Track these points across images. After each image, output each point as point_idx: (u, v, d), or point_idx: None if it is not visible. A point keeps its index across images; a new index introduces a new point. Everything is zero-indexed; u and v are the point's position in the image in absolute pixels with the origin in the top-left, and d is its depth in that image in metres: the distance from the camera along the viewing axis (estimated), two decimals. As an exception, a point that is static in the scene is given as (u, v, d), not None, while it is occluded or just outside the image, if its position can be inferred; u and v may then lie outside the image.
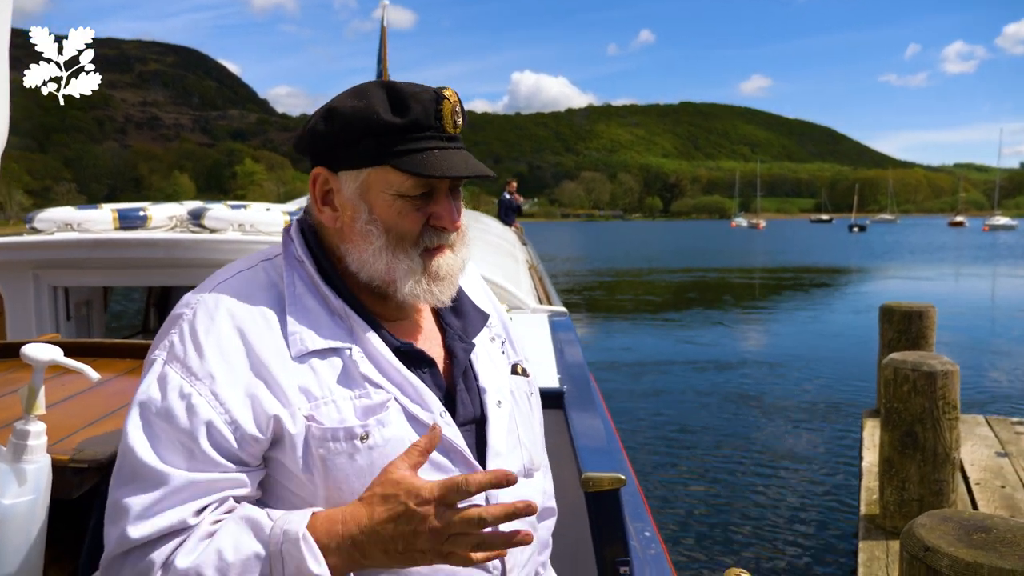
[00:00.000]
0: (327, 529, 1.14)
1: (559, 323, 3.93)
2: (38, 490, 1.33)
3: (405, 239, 1.28)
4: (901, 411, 4.87)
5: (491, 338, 1.49)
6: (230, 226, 4.58)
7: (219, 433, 1.16)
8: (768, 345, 16.15)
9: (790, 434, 9.39)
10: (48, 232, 4.60)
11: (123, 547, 1.14)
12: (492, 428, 1.35)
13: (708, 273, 36.32)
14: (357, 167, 1.27)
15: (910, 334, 7.20)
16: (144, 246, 4.34)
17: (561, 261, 47.47)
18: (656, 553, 2.55)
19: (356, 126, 1.25)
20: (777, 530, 6.52)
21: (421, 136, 1.25)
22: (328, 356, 1.24)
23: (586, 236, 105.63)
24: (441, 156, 1.25)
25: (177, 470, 1.14)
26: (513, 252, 7.69)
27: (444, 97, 1.26)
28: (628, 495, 2.62)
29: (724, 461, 8.35)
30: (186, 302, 1.28)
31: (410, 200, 1.27)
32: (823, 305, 23.12)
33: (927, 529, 2.35)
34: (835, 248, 60.28)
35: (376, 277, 1.29)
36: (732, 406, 10.71)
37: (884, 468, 5.05)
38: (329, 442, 1.18)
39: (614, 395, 11.32)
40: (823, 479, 7.76)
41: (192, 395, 1.17)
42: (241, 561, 1.11)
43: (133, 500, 1.14)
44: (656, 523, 2.74)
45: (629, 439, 9.14)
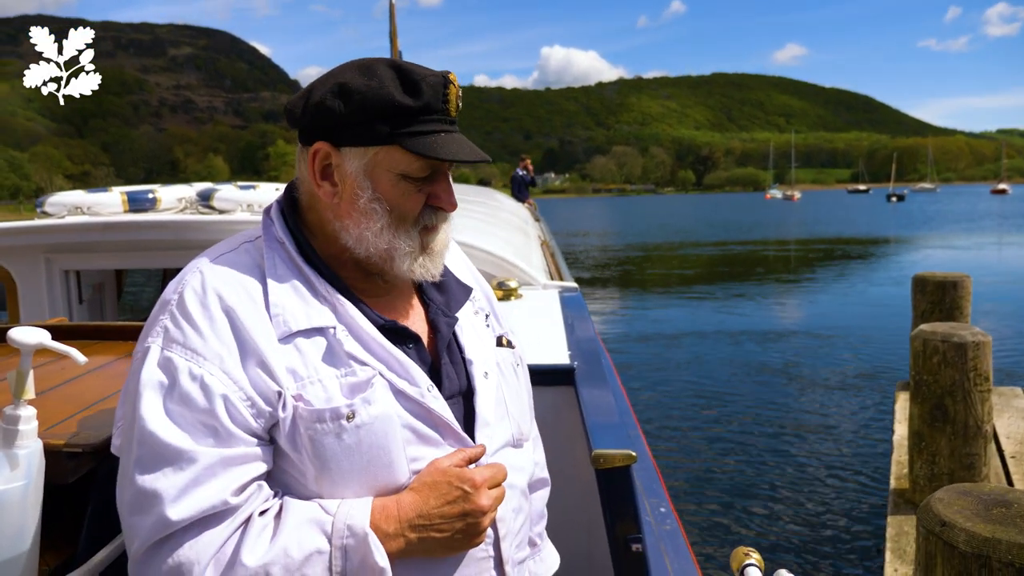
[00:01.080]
0: (384, 517, 1.19)
1: (570, 299, 3.89)
2: (30, 475, 1.32)
3: (407, 218, 1.30)
4: (931, 383, 4.76)
5: (475, 311, 1.50)
6: (239, 207, 4.56)
7: (236, 409, 1.17)
8: (803, 317, 15.93)
9: (822, 407, 9.27)
10: (58, 216, 4.60)
11: (161, 532, 1.11)
12: (480, 399, 1.37)
13: (741, 246, 35.90)
14: (365, 145, 1.27)
15: (944, 305, 7.02)
16: (154, 228, 4.33)
17: (594, 236, 47.28)
18: (671, 528, 2.52)
19: (371, 105, 1.25)
20: (805, 505, 6.45)
21: (429, 119, 1.26)
22: (312, 336, 1.24)
23: (617, 211, 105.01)
24: (447, 139, 1.27)
25: (206, 448, 1.14)
26: (525, 228, 7.64)
27: (450, 81, 1.28)
28: (642, 471, 2.59)
29: (753, 434, 8.27)
30: (172, 288, 1.27)
31: (414, 181, 1.29)
32: (859, 276, 22.72)
33: (944, 504, 2.29)
34: (872, 218, 59.15)
35: (376, 254, 1.30)
36: (765, 378, 10.60)
37: (914, 442, 4.94)
38: (316, 423, 1.19)
39: (644, 368, 11.27)
40: (855, 453, 7.65)
41: (204, 375, 1.16)
42: (305, 557, 1.13)
43: (164, 483, 1.12)
44: (672, 498, 2.70)
45: (657, 412, 9.10)
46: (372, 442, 1.21)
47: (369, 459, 1.21)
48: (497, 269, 4.07)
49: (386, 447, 1.22)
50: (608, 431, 2.16)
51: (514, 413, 1.46)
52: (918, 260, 26.36)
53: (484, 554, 1.32)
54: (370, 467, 1.22)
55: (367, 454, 1.21)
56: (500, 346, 1.51)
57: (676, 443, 8.08)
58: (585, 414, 2.29)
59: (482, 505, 1.22)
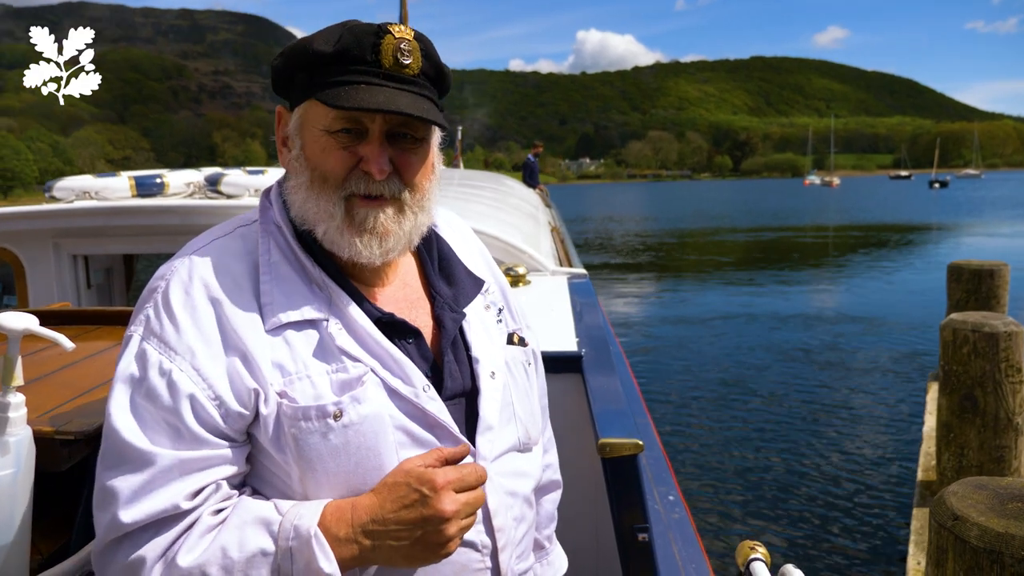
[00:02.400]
0: (336, 519, 1.10)
1: (579, 285, 3.84)
2: (19, 463, 1.29)
3: (328, 180, 1.19)
4: (960, 374, 4.65)
5: (486, 306, 1.41)
6: (247, 191, 4.55)
7: (203, 409, 1.11)
8: (836, 304, 15.66)
9: (851, 396, 9.13)
10: (67, 201, 4.61)
11: (115, 533, 1.09)
12: (484, 401, 1.28)
13: (774, 232, 35.40)
14: (296, 102, 1.23)
15: (980, 294, 6.85)
16: (161, 213, 4.33)
17: (629, 221, 46.99)
18: (680, 517, 2.49)
19: (293, 60, 1.21)
20: (831, 495, 6.36)
21: (353, 70, 1.16)
22: (304, 328, 1.18)
23: (652, 196, 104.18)
24: (366, 90, 1.14)
25: (164, 449, 1.09)
26: (535, 214, 7.58)
27: (387, 32, 1.17)
28: (651, 459, 2.55)
29: (781, 423, 8.17)
30: (160, 274, 1.22)
31: (335, 136, 1.18)
32: (896, 263, 22.27)
33: (959, 497, 2.23)
34: (913, 205, 57.92)
35: (299, 216, 1.22)
36: (796, 366, 10.46)
37: (942, 433, 4.84)
38: (300, 421, 1.12)
39: (670, 352, 11.19)
40: (882, 443, 7.53)
41: (172, 371, 1.11)
42: (247, 558, 1.07)
43: (121, 483, 1.08)
44: (682, 487, 2.67)
45: (680, 397, 9.04)
46: (360, 443, 1.14)
47: (357, 461, 1.14)
48: (505, 255, 4.04)
49: (376, 449, 1.15)
50: (615, 419, 2.13)
51: (522, 416, 1.36)
52: (958, 247, 25.77)
53: (480, 565, 1.23)
54: (358, 470, 1.14)
55: (355, 456, 1.14)
56: (511, 344, 1.41)
57: (699, 428, 8.02)
58: (592, 402, 2.27)
59: (442, 510, 1.10)
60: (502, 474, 1.27)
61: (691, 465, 7.09)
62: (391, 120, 1.19)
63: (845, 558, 5.42)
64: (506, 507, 1.26)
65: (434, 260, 1.39)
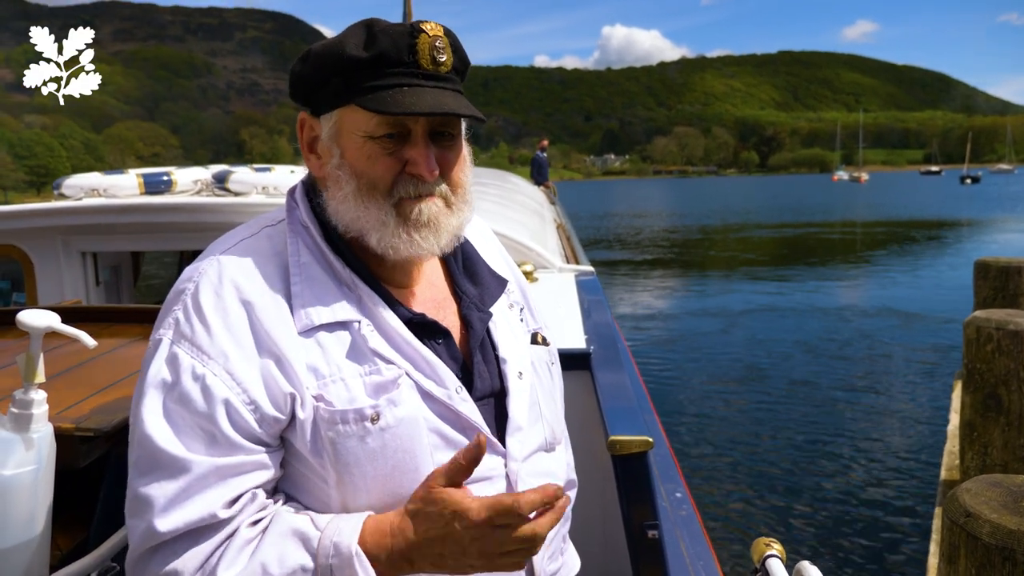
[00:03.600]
0: (376, 541, 1.09)
1: (586, 283, 3.83)
2: (41, 459, 1.30)
3: (376, 187, 1.17)
4: (984, 372, 4.60)
5: (509, 305, 1.40)
6: (254, 189, 4.55)
7: (238, 414, 1.09)
8: (862, 300, 15.50)
9: (876, 394, 9.05)
10: (75, 198, 4.61)
11: (151, 542, 1.07)
12: (513, 401, 1.27)
13: (795, 228, 35.06)
14: (330, 108, 1.20)
15: (1007, 291, 6.76)
16: (169, 211, 4.33)
17: (653, 217, 46.79)
18: (687, 514, 2.50)
19: (325, 64, 1.18)
20: (849, 495, 6.32)
21: (392, 72, 1.14)
22: (336, 330, 1.16)
23: (678, 192, 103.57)
24: (411, 93, 1.13)
25: (199, 456, 1.08)
26: (541, 211, 7.52)
27: (421, 31, 1.15)
28: (658, 457, 2.57)
29: (799, 419, 8.12)
30: (188, 276, 1.20)
31: (379, 142, 1.16)
32: (925, 259, 21.99)
33: (972, 494, 2.23)
34: (942, 201, 57.08)
35: (348, 226, 1.20)
36: (819, 362, 10.37)
37: (965, 432, 4.79)
38: (338, 425, 1.11)
39: (690, 348, 11.15)
40: (908, 442, 7.46)
41: (206, 375, 1.09)
42: (288, 573, 1.06)
43: (156, 491, 1.07)
44: (688, 485, 2.68)
45: (695, 393, 9.01)
46: (397, 446, 1.14)
47: (394, 464, 1.14)
48: (512, 252, 4.02)
49: (411, 451, 1.14)
50: (625, 417, 2.14)
51: (547, 416, 1.36)
52: (989, 244, 25.37)
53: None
54: (395, 473, 1.14)
55: (391, 459, 1.14)
56: (535, 343, 1.40)
57: (714, 424, 8.00)
58: (601, 399, 2.27)
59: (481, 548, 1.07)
60: (531, 474, 1.27)
61: (701, 463, 7.06)
62: (433, 120, 1.17)
63: (863, 557, 5.39)
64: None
65: (459, 260, 1.37)
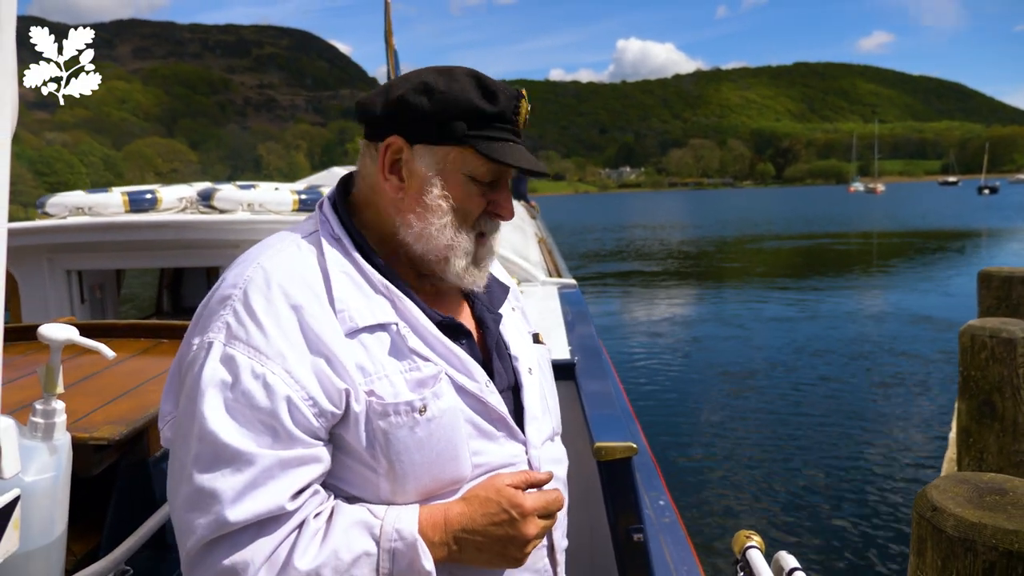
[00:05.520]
0: (431, 524, 1.21)
1: (569, 295, 3.92)
2: (59, 467, 1.35)
3: (467, 219, 1.33)
4: (979, 379, 4.69)
5: (512, 308, 1.54)
6: (239, 206, 4.59)
7: (298, 410, 1.17)
8: (876, 310, 15.49)
9: (884, 402, 9.09)
10: (60, 216, 4.62)
11: (218, 532, 1.14)
12: (527, 394, 1.41)
13: (806, 240, 34.99)
14: (440, 143, 1.31)
15: (1010, 301, 6.80)
16: (154, 228, 4.36)
17: (669, 229, 46.80)
18: (670, 521, 2.58)
19: (453, 105, 1.29)
20: (852, 500, 6.39)
21: (502, 127, 1.31)
22: (376, 332, 1.26)
23: (694, 204, 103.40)
24: (515, 149, 1.31)
25: (264, 450, 1.15)
26: (522, 226, 7.61)
27: (523, 96, 1.34)
28: (641, 464, 2.69)
29: (801, 426, 8.18)
30: (232, 283, 1.27)
31: (479, 184, 1.33)
32: (935, 269, 21.90)
33: (940, 490, 2.34)
34: (959, 211, 56.65)
35: (433, 251, 1.33)
36: (822, 369, 10.42)
37: (962, 438, 4.87)
38: (391, 416, 1.22)
39: (684, 355, 11.22)
40: (911, 448, 7.52)
41: (266, 374, 1.17)
42: (353, 559, 1.16)
43: (223, 484, 1.13)
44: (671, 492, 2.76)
45: (686, 400, 9.08)
46: (441, 435, 1.25)
47: (438, 452, 1.25)
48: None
49: (452, 440, 1.26)
50: (609, 424, 2.23)
51: (552, 408, 1.52)
52: (1002, 253, 25.25)
53: (539, 541, 1.36)
54: (438, 460, 1.25)
55: (436, 447, 1.24)
56: (536, 343, 1.56)
57: (699, 434, 8.07)
58: (586, 407, 2.36)
59: (527, 533, 1.24)
60: (547, 460, 1.41)
61: (684, 471, 7.11)
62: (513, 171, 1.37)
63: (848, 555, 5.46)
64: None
65: None
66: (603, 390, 2.49)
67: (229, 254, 4.45)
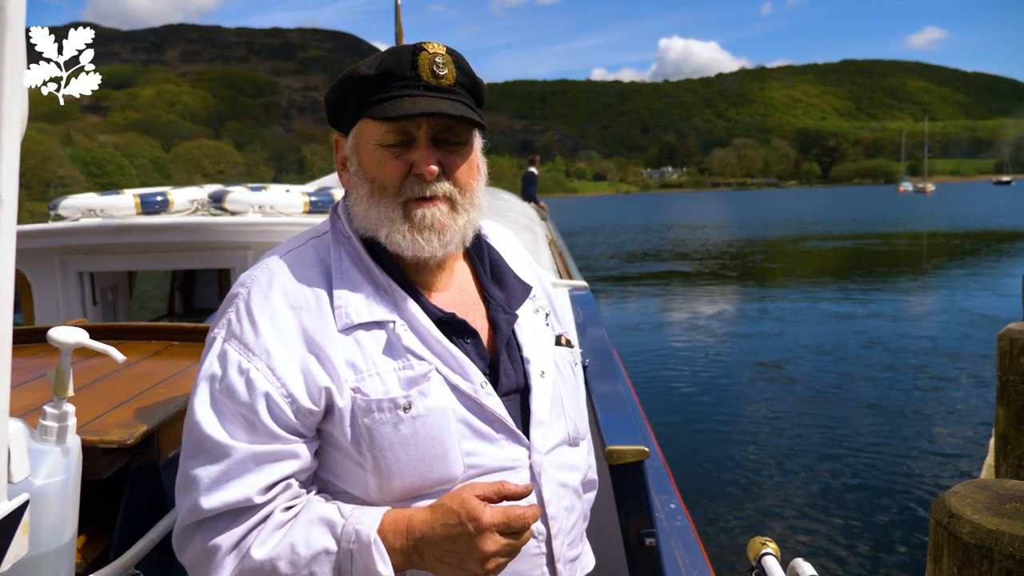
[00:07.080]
0: (394, 530, 1.21)
1: (580, 297, 3.91)
2: (69, 471, 1.35)
3: (386, 188, 1.31)
4: (1018, 384, 4.57)
5: (535, 310, 1.52)
6: (250, 208, 4.61)
7: (277, 406, 1.21)
8: (923, 312, 15.17)
9: (921, 406, 8.89)
10: (72, 219, 4.66)
11: (195, 516, 1.21)
12: (535, 397, 1.38)
13: (846, 240, 34.30)
14: (350, 125, 1.36)
15: (1056, 303, 6.65)
16: (166, 230, 4.39)
17: (712, 229, 46.36)
18: (682, 525, 2.57)
19: (343, 87, 1.34)
20: (875, 507, 6.27)
21: (396, 86, 1.29)
22: (373, 329, 1.29)
23: (737, 205, 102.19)
24: (410, 101, 1.27)
25: (239, 443, 1.21)
26: (532, 228, 7.56)
27: (422, 49, 1.30)
28: (652, 468, 2.69)
29: (825, 430, 8.03)
30: (241, 282, 1.34)
31: (388, 149, 1.31)
32: (986, 271, 21.31)
33: (958, 497, 2.31)
34: (1011, 211, 55.03)
35: (371, 229, 1.34)
36: (867, 372, 10.21)
37: (1000, 444, 4.76)
38: (374, 412, 1.23)
39: (753, 357, 11.10)
40: (948, 453, 7.36)
41: (250, 370, 1.22)
42: (312, 555, 1.18)
43: (201, 472, 1.20)
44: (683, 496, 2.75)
45: (751, 398, 8.98)
46: (427, 434, 1.25)
47: (424, 450, 1.25)
48: None
49: (440, 439, 1.26)
50: (620, 427, 2.22)
51: (571, 412, 1.47)
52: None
53: (536, 550, 1.33)
54: (425, 458, 1.25)
55: (422, 445, 1.25)
56: (559, 345, 1.53)
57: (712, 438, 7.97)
58: (598, 411, 2.34)
59: (483, 549, 1.18)
60: (554, 466, 1.37)
61: (696, 474, 7.00)
62: (436, 126, 1.31)
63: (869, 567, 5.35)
64: (558, 497, 1.36)
65: (486, 267, 1.50)
66: (614, 392, 2.48)
67: (240, 256, 4.47)
